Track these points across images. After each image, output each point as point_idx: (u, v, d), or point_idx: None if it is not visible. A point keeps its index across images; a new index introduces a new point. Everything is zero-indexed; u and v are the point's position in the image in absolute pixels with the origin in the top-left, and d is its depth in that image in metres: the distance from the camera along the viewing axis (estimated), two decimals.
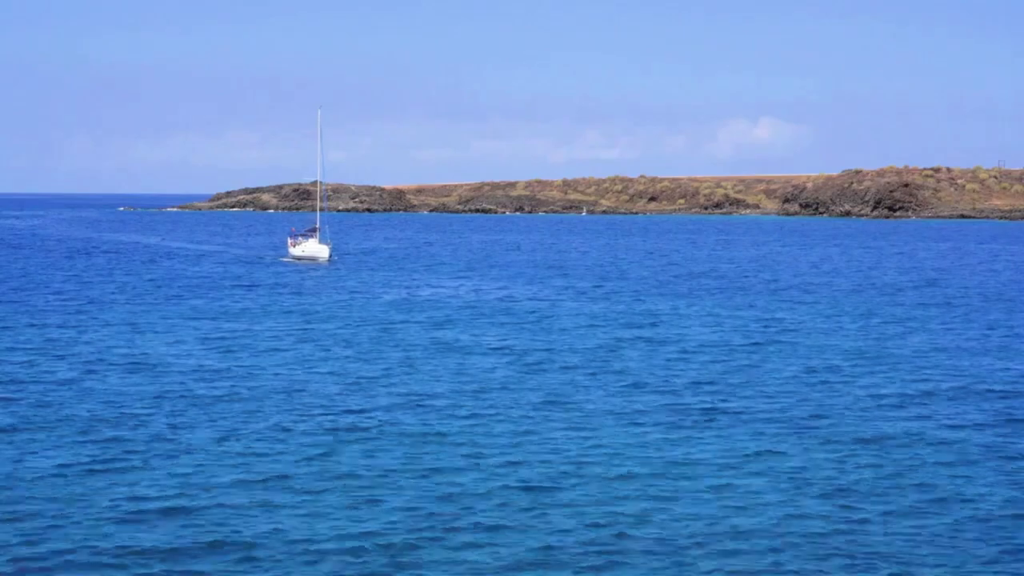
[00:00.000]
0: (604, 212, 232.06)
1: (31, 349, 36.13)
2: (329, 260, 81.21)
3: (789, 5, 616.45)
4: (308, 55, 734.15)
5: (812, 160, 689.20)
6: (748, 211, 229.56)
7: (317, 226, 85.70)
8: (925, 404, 28.65)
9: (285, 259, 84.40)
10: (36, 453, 22.63)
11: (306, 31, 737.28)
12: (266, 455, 22.53)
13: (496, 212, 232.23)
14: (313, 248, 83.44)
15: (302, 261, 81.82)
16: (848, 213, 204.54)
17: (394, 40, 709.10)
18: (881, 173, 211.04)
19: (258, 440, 23.78)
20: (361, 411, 26.98)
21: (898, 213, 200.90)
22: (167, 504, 19.25)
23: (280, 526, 18.22)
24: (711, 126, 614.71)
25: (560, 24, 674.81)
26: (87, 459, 22.15)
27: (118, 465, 21.71)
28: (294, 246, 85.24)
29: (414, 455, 22.74)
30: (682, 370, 33.51)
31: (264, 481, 20.70)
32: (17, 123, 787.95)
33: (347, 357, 35.33)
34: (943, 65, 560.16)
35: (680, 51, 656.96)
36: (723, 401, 28.63)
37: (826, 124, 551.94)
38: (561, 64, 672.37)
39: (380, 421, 25.88)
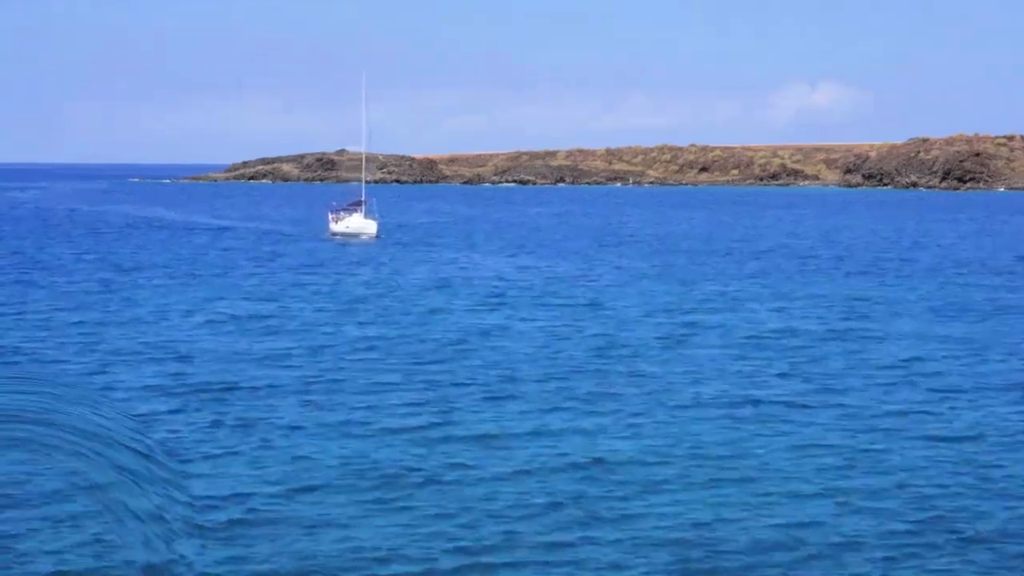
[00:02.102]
0: (652, 183, 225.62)
1: (55, 333, 32.96)
2: (377, 236, 76.89)
3: None
4: (330, 16, 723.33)
5: (875, 128, 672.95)
6: (807, 182, 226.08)
7: (363, 199, 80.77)
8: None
9: (326, 235, 79.26)
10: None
11: None
12: (315, 458, 19.93)
13: (535, 183, 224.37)
14: (359, 223, 79.09)
15: (347, 237, 77.68)
16: (915, 184, 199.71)
17: (424, 1, 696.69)
18: (950, 141, 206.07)
19: (304, 439, 21.24)
20: (416, 404, 24.08)
21: (968, 184, 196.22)
22: (202, 517, 16.84)
23: (323, 533, 15.95)
24: (766, 91, 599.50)
25: None
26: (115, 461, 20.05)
27: (151, 467, 19.59)
28: (336, 221, 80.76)
29: (450, 453, 20.33)
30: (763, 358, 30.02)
31: (311, 486, 18.31)
32: (21, 89, 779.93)
33: (422, 341, 32.47)
34: (1017, 25, 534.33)
35: (733, 9, 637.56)
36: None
37: (890, 89, 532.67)
38: (603, 25, 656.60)
39: (459, 415, 23.30)
